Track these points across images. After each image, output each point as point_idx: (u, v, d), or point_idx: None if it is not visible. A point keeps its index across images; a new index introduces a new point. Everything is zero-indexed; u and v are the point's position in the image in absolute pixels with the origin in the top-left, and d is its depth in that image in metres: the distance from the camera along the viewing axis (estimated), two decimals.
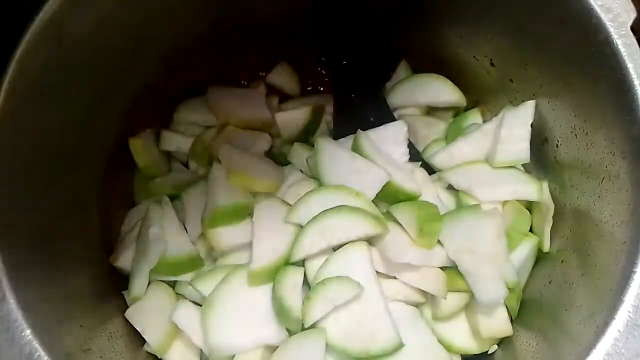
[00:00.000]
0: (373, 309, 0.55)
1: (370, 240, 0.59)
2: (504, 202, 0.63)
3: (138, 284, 0.60)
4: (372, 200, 0.59)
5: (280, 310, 0.55)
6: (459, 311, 0.59)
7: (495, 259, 0.56)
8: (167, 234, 0.61)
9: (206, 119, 0.73)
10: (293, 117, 0.71)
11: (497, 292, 0.55)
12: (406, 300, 0.58)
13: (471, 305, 0.59)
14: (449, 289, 0.57)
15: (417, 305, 0.59)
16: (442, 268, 0.58)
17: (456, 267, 0.57)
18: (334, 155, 0.61)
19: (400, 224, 0.58)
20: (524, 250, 0.61)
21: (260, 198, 0.62)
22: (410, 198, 0.60)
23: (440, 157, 0.66)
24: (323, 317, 0.54)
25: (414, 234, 0.57)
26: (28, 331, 0.44)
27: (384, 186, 0.59)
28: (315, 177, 0.63)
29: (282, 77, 0.77)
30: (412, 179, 0.61)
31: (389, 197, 0.60)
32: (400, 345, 0.53)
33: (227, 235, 0.60)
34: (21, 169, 0.50)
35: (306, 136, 0.72)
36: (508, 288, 0.57)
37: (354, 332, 0.54)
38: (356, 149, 0.61)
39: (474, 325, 0.59)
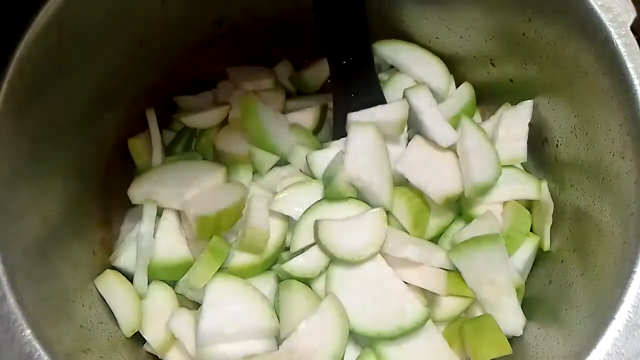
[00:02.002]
0: (393, 288, 0.56)
1: None
2: (504, 203, 0.63)
3: (138, 282, 0.60)
4: None
5: None
6: (459, 315, 0.59)
7: (514, 289, 0.57)
8: (159, 236, 0.61)
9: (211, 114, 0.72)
10: (302, 117, 0.71)
11: (517, 323, 0.57)
12: None
13: (470, 309, 0.59)
14: (453, 293, 0.57)
15: None
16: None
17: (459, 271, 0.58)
18: None
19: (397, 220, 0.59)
20: (526, 250, 0.61)
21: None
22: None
23: None
24: (346, 305, 0.54)
25: (409, 226, 0.58)
26: (28, 331, 0.44)
27: None
28: (314, 177, 0.64)
29: (284, 76, 0.77)
30: None
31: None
32: (428, 315, 0.55)
33: None
34: (21, 169, 0.50)
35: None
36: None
37: (381, 313, 0.55)
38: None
39: None
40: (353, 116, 0.62)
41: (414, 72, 0.69)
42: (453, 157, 0.62)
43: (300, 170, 0.66)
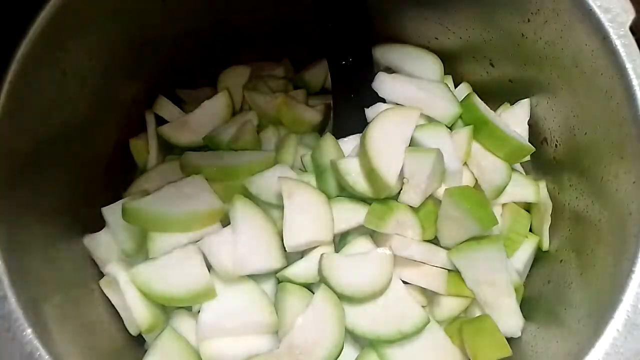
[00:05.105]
0: (393, 291, 0.56)
1: (373, 235, 0.59)
2: (503, 205, 0.63)
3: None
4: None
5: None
6: (459, 315, 0.59)
7: (513, 291, 0.58)
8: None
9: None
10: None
11: (516, 325, 0.57)
12: None
13: (469, 310, 0.59)
14: (453, 293, 0.57)
15: None
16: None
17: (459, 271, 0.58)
18: None
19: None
20: (526, 251, 0.61)
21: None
22: None
23: None
24: (346, 307, 0.55)
25: (417, 232, 0.58)
26: (29, 330, 0.44)
27: None
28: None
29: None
30: None
31: None
32: (428, 320, 0.55)
33: None
34: (21, 169, 0.50)
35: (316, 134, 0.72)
36: None
37: (382, 317, 0.55)
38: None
39: None
40: None
41: (405, 69, 0.69)
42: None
43: (300, 170, 0.67)
